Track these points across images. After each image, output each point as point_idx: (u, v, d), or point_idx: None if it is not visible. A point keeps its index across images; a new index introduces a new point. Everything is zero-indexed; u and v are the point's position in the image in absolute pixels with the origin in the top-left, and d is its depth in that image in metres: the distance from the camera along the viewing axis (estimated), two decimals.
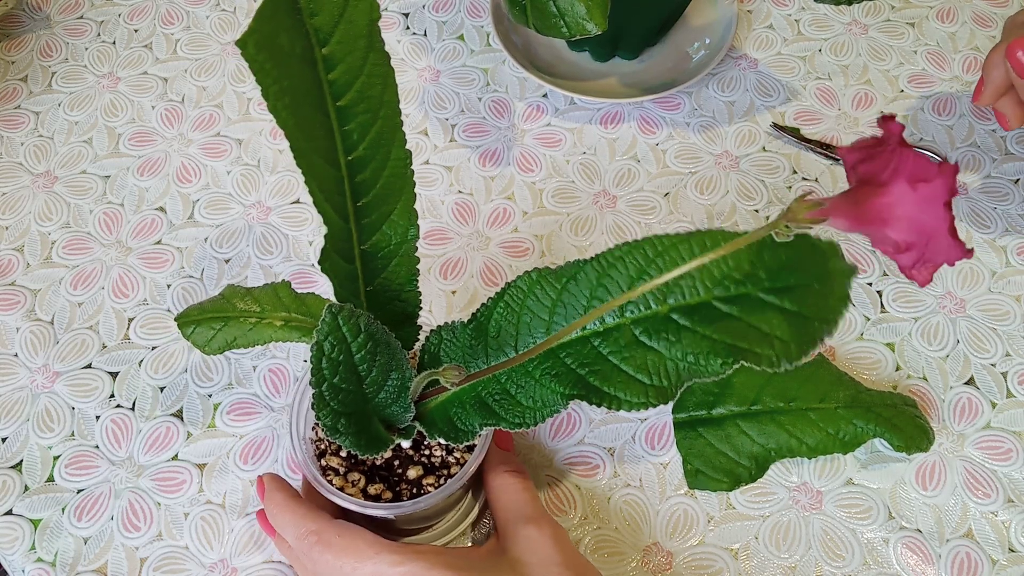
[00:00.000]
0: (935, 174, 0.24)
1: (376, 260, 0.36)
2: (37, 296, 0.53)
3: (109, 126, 0.60)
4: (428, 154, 0.58)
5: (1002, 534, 0.44)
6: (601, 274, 0.35)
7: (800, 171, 0.57)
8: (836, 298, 0.31)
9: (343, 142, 0.32)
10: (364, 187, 0.34)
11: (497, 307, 0.36)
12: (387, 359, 0.35)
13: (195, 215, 0.56)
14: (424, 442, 0.40)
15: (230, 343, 0.39)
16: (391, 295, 0.38)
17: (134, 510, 0.46)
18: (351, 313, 0.33)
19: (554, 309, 0.35)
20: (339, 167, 0.33)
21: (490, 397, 0.36)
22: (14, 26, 0.65)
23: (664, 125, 0.59)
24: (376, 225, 0.35)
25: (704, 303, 0.32)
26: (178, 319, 0.41)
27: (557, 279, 0.35)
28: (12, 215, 0.56)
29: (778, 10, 0.65)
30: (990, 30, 0.63)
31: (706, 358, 0.32)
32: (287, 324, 0.39)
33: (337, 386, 0.34)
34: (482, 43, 0.64)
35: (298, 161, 0.31)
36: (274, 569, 0.44)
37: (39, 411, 0.49)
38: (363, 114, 0.32)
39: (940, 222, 0.24)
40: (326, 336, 0.33)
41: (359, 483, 0.39)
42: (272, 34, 0.28)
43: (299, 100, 0.30)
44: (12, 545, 0.45)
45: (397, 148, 0.34)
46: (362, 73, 0.31)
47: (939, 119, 0.59)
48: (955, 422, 0.47)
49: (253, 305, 0.39)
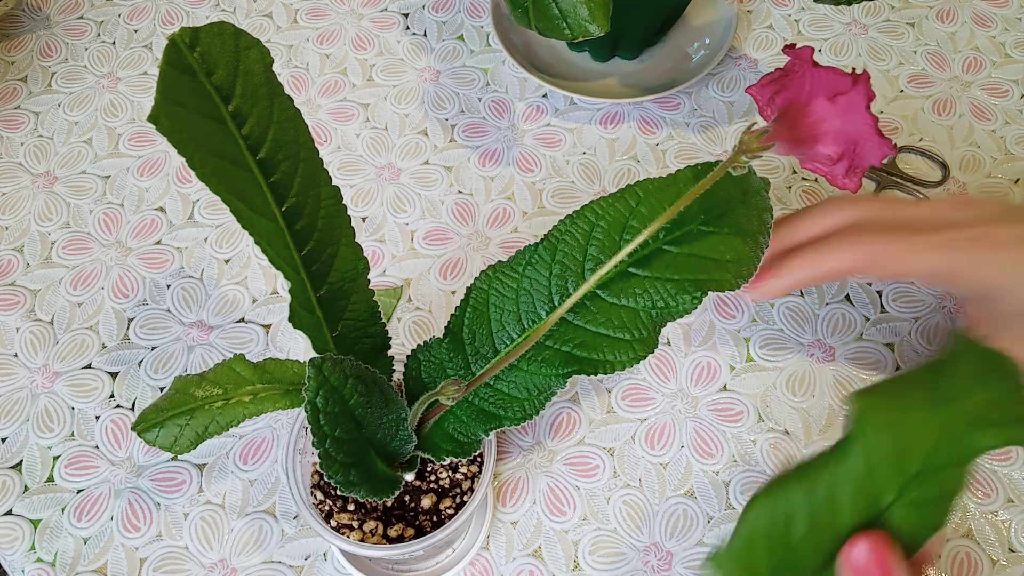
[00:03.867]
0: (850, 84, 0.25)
1: (335, 304, 0.35)
2: (37, 296, 0.53)
3: (109, 126, 0.60)
4: (428, 154, 0.58)
5: (1002, 534, 0.44)
6: (553, 250, 0.36)
7: (800, 171, 0.57)
8: (762, 210, 0.35)
9: (273, 194, 0.32)
10: (304, 235, 0.33)
11: (465, 314, 0.37)
12: (379, 397, 0.34)
13: (195, 215, 0.56)
14: (427, 469, 0.40)
15: (202, 435, 0.37)
16: (358, 334, 0.37)
17: (134, 510, 0.46)
18: (334, 361, 0.32)
19: (519, 298, 0.36)
20: (277, 220, 0.32)
21: (485, 402, 0.36)
22: (14, 26, 0.65)
23: (664, 125, 0.59)
24: (325, 270, 0.34)
25: (656, 250, 0.35)
26: (135, 427, 0.38)
27: (513, 269, 0.36)
28: (12, 215, 0.56)
29: (778, 10, 0.65)
30: (990, 30, 0.63)
31: (675, 299, 0.34)
32: (256, 397, 0.37)
33: (340, 439, 0.32)
34: (482, 43, 0.64)
35: (242, 223, 0.31)
36: (274, 569, 0.44)
37: (39, 411, 0.49)
38: (284, 161, 0.32)
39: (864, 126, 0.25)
40: (317, 391, 0.31)
41: (378, 531, 0.38)
42: (178, 102, 0.28)
43: (222, 163, 0.30)
44: (12, 545, 0.45)
45: (325, 188, 0.33)
46: (272, 121, 0.31)
47: (939, 119, 0.59)
48: None
49: (213, 389, 0.37)
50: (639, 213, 0.35)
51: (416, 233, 0.55)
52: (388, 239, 0.55)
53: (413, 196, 0.56)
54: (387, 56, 0.63)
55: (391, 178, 0.57)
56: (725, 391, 0.49)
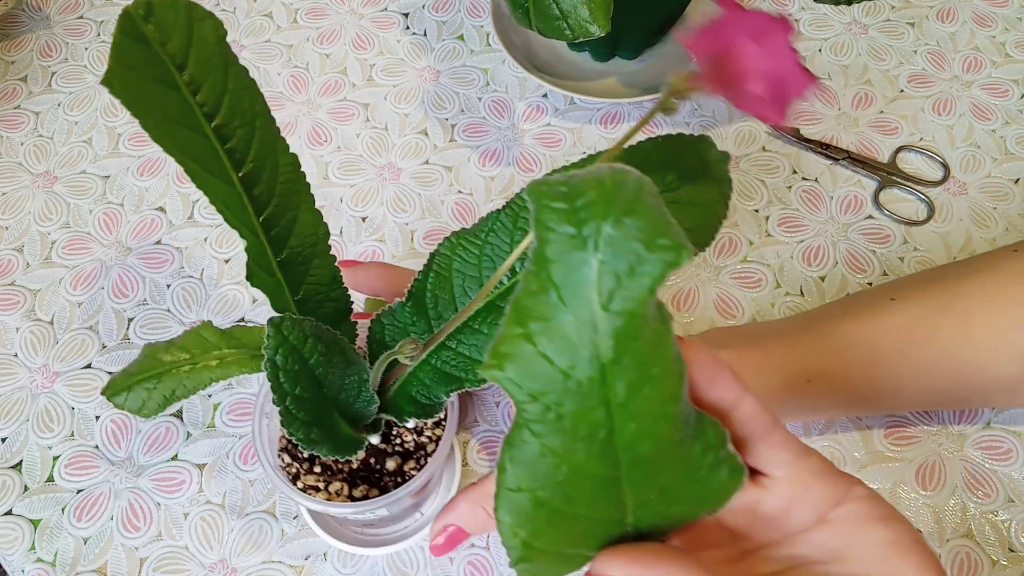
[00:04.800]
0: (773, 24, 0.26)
1: (296, 268, 0.36)
2: (37, 296, 0.53)
3: (109, 126, 0.60)
4: (428, 154, 0.58)
5: (1002, 534, 0.44)
6: (515, 218, 0.36)
7: (800, 171, 0.57)
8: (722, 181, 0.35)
9: (230, 160, 0.32)
10: (263, 200, 0.34)
11: (428, 278, 0.37)
12: (340, 357, 0.35)
13: (195, 215, 0.56)
14: (393, 432, 0.40)
15: (169, 398, 0.37)
16: (320, 298, 0.37)
17: (134, 510, 0.46)
18: (293, 321, 0.33)
19: (481, 265, 0.36)
20: (233, 183, 0.33)
21: (447, 365, 0.36)
22: (14, 26, 0.65)
23: (664, 125, 0.59)
24: (285, 235, 0.35)
25: None
26: (105, 391, 0.38)
27: (476, 236, 0.37)
28: (12, 215, 0.56)
29: (778, 10, 0.65)
30: (990, 30, 0.63)
31: None
32: (223, 361, 0.38)
33: (300, 397, 0.33)
34: (482, 43, 0.64)
35: (197, 184, 0.31)
36: (274, 569, 0.44)
37: (39, 411, 0.49)
38: (240, 128, 0.32)
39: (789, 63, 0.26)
40: (276, 350, 0.32)
41: (343, 491, 0.39)
42: (132, 68, 0.28)
43: (176, 126, 0.30)
44: (12, 545, 0.45)
45: (283, 155, 0.34)
46: (227, 89, 0.31)
47: (939, 119, 0.59)
48: (955, 422, 0.47)
49: (180, 354, 0.38)
50: None
51: (416, 233, 0.55)
52: (388, 239, 0.55)
53: (413, 196, 0.56)
54: (387, 56, 0.63)
55: (391, 178, 0.57)
56: None
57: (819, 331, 0.43)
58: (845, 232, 0.54)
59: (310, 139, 0.59)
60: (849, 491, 0.29)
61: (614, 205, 0.21)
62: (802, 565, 0.29)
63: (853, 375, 0.42)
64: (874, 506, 0.29)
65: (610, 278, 0.22)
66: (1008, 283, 0.42)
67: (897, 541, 0.28)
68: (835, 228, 0.54)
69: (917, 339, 0.42)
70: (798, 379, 0.42)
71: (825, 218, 0.55)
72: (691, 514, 0.28)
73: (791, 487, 0.29)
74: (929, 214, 0.55)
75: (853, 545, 0.28)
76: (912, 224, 0.54)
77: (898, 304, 0.43)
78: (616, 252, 0.21)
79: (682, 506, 0.27)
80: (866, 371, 0.42)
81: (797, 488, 0.29)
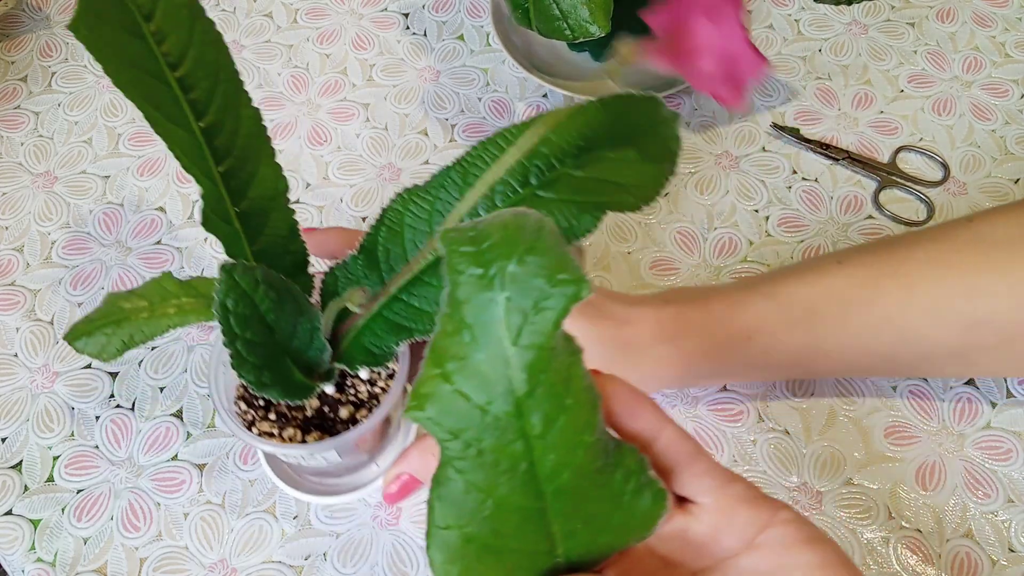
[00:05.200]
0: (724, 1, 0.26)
1: (254, 219, 0.37)
2: (37, 296, 0.53)
3: (109, 126, 0.60)
4: (428, 154, 0.58)
5: (1002, 534, 0.44)
6: (465, 174, 0.37)
7: (800, 171, 0.57)
8: (670, 139, 0.36)
9: (192, 110, 0.33)
10: (223, 151, 0.35)
11: (380, 232, 0.38)
12: (292, 305, 0.36)
13: (195, 215, 0.56)
14: (347, 382, 0.41)
15: (128, 343, 0.39)
16: (278, 250, 0.38)
17: (134, 510, 0.46)
18: (245, 267, 0.34)
19: (432, 220, 0.37)
20: (193, 132, 0.34)
21: (397, 316, 0.37)
22: (14, 26, 0.65)
23: None
24: (244, 187, 0.36)
25: (562, 174, 0.36)
26: (67, 336, 0.39)
27: (427, 191, 0.38)
28: (12, 215, 0.56)
29: (778, 10, 0.65)
30: (990, 30, 0.63)
31: (577, 219, 0.35)
32: (181, 309, 0.39)
33: (251, 340, 0.34)
34: (482, 43, 0.64)
35: (156, 130, 0.32)
36: (274, 569, 0.44)
37: (39, 411, 0.49)
38: (204, 80, 0.33)
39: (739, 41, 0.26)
40: (227, 293, 0.33)
41: (297, 437, 0.40)
42: (99, 14, 0.30)
43: (140, 74, 0.32)
44: (12, 545, 0.45)
45: (245, 108, 0.35)
46: (193, 42, 0.33)
47: (939, 119, 0.59)
48: (955, 422, 0.47)
49: (140, 302, 0.39)
50: (548, 140, 0.36)
51: None
52: None
53: None
54: (387, 56, 0.63)
55: (391, 178, 0.57)
56: (725, 391, 0.49)
57: (762, 290, 0.44)
58: (845, 232, 0.54)
59: (310, 139, 0.59)
60: (775, 515, 0.29)
61: (517, 245, 0.23)
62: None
63: (794, 335, 0.43)
64: (800, 529, 0.29)
65: (517, 315, 0.23)
66: (954, 251, 0.42)
67: (824, 563, 0.28)
68: (835, 228, 0.54)
69: (859, 301, 0.42)
70: (739, 336, 0.43)
71: (825, 218, 0.55)
72: (619, 542, 0.28)
73: (717, 513, 0.29)
74: (929, 214, 0.55)
75: (781, 569, 0.29)
76: (912, 224, 0.54)
77: (844, 267, 0.43)
78: (521, 289, 0.22)
79: (609, 534, 0.28)
80: (807, 332, 0.42)
81: (723, 514, 0.29)
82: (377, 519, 0.45)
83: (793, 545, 0.29)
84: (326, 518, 0.45)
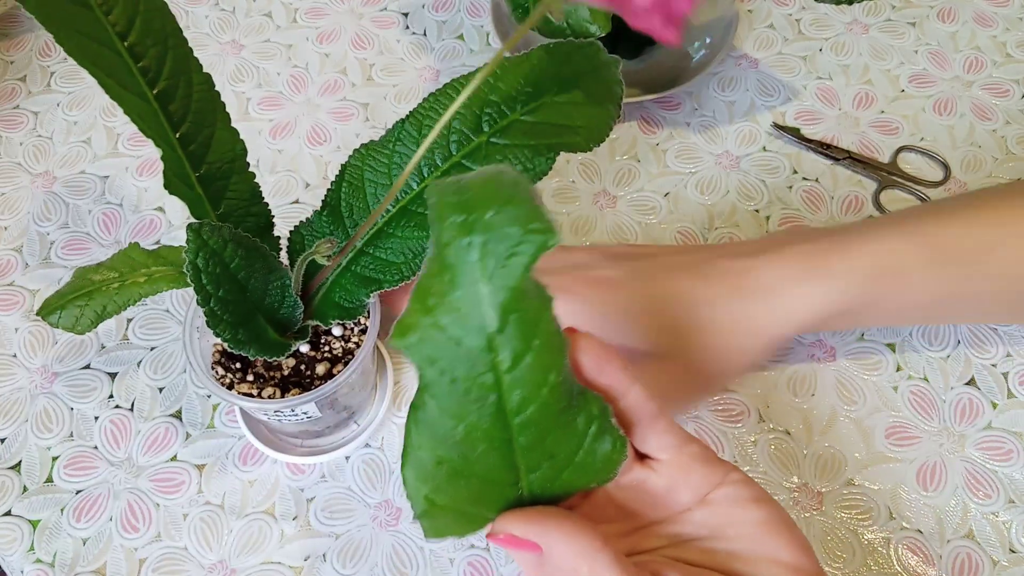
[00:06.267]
0: None
1: (215, 183, 0.38)
2: (36, 296, 0.53)
3: (108, 126, 0.60)
4: None
5: (1003, 535, 0.44)
6: (419, 126, 0.38)
7: (800, 171, 0.57)
8: (612, 83, 0.38)
9: (143, 77, 0.35)
10: (178, 117, 0.36)
11: (341, 187, 0.39)
12: (261, 263, 0.37)
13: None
14: (321, 341, 0.42)
15: (101, 314, 0.39)
16: (241, 212, 0.39)
17: (133, 511, 0.46)
18: (212, 227, 0.34)
19: (391, 173, 0.39)
20: (148, 99, 0.35)
21: (366, 269, 0.39)
22: (13, 26, 0.65)
23: (664, 125, 0.59)
24: (203, 151, 0.37)
25: (513, 121, 0.38)
26: (40, 312, 0.40)
27: (384, 145, 0.39)
28: (11, 215, 0.56)
29: (779, 10, 0.65)
30: (991, 30, 0.63)
31: (532, 161, 0.37)
32: (151, 278, 0.39)
33: (224, 299, 0.35)
34: (482, 43, 0.64)
35: (111, 96, 0.34)
36: (273, 570, 0.44)
37: (38, 412, 0.49)
38: (153, 48, 0.34)
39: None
40: (196, 253, 0.33)
41: (276, 396, 0.40)
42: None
43: (91, 43, 0.33)
44: (11, 546, 0.45)
45: (196, 74, 0.36)
46: (139, 11, 0.34)
47: (940, 119, 0.59)
48: (956, 423, 0.47)
49: (110, 273, 0.40)
50: (497, 88, 0.38)
51: None
52: None
53: None
54: (387, 55, 0.63)
55: None
56: (725, 391, 0.48)
57: (905, 228, 0.43)
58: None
59: (310, 139, 0.59)
60: (727, 475, 0.32)
61: (495, 196, 0.25)
62: (685, 541, 0.32)
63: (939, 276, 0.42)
64: (748, 489, 0.32)
65: (492, 258, 0.25)
66: None
67: (768, 520, 0.31)
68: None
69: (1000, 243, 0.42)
70: (877, 276, 0.42)
71: (826, 218, 0.55)
72: (580, 482, 0.31)
73: (674, 469, 0.31)
74: None
75: (730, 524, 0.31)
76: None
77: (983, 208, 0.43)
78: (496, 235, 0.25)
79: (571, 473, 0.30)
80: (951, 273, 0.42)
81: (680, 470, 0.31)
82: (377, 519, 0.45)
83: (742, 502, 0.31)
84: (326, 519, 0.45)
